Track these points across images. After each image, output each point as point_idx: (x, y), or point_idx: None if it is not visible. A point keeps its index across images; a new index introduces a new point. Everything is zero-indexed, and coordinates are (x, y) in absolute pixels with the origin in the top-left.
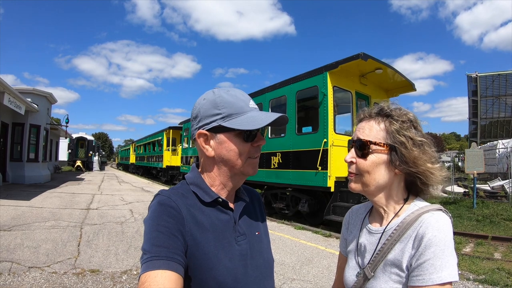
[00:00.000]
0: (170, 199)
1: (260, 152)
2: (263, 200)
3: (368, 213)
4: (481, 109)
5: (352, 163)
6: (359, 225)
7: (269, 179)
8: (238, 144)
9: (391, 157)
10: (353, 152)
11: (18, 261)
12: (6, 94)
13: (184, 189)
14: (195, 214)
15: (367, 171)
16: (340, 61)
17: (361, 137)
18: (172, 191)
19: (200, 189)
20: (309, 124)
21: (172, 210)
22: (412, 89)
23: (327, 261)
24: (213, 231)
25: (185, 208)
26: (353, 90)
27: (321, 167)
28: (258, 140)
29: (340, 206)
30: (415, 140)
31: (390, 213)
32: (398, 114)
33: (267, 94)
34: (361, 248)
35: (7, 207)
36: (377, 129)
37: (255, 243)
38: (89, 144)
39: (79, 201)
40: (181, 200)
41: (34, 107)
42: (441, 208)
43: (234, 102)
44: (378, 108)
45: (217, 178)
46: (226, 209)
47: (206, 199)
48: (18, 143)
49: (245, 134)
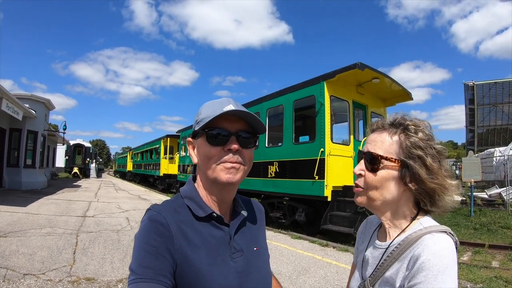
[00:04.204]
0: (160, 215)
1: (241, 159)
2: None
3: (379, 226)
4: (478, 117)
5: (360, 176)
6: (369, 237)
7: (266, 188)
8: (206, 147)
9: (402, 173)
10: (363, 164)
11: (13, 268)
12: (4, 99)
13: (177, 204)
14: (186, 231)
15: (375, 187)
16: (337, 71)
17: (372, 151)
18: (163, 206)
19: (194, 203)
20: (306, 134)
21: (161, 228)
22: (409, 98)
23: (323, 270)
24: (205, 248)
25: (176, 224)
26: (350, 100)
27: (318, 176)
28: (230, 143)
29: (337, 215)
30: (433, 155)
31: (395, 229)
32: (414, 125)
33: (264, 103)
34: (366, 261)
35: (3, 213)
36: (390, 142)
37: (252, 259)
38: (86, 151)
39: (76, 208)
40: (172, 216)
41: (31, 113)
42: (445, 230)
43: (210, 106)
44: (392, 119)
45: (204, 189)
46: (221, 225)
47: (200, 214)
48: (15, 149)
49: (208, 137)
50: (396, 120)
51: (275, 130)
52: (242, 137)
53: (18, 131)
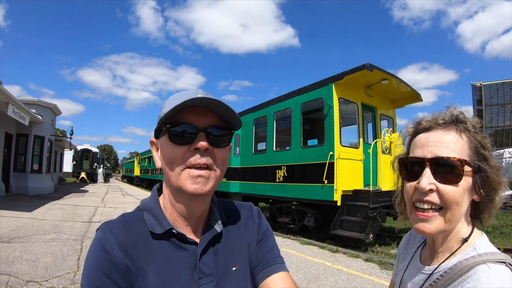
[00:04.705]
0: (105, 239)
1: (211, 161)
2: (264, 215)
3: (423, 243)
4: (486, 118)
5: (431, 192)
6: (411, 255)
7: (274, 193)
8: (169, 148)
9: (475, 180)
10: (431, 175)
11: (16, 275)
12: (10, 105)
13: (134, 218)
14: (136, 255)
15: (456, 203)
16: (346, 72)
17: (445, 155)
18: (114, 224)
19: (152, 217)
20: (314, 137)
21: (104, 256)
22: (419, 99)
23: (334, 278)
24: (159, 273)
25: (121, 248)
26: (359, 102)
27: (327, 180)
28: (198, 141)
29: (347, 220)
30: (493, 154)
31: (445, 252)
32: (473, 120)
33: (271, 106)
34: (404, 283)
35: (8, 218)
36: (462, 142)
37: (228, 283)
38: (93, 156)
39: (82, 213)
40: (123, 235)
41: (38, 118)
42: (504, 260)
43: (176, 97)
44: (451, 114)
45: (168, 200)
46: (185, 244)
47: (156, 230)
48: (22, 154)
49: (171, 134)
50: (456, 115)
51: (283, 133)
52: (213, 134)
53: (25, 136)
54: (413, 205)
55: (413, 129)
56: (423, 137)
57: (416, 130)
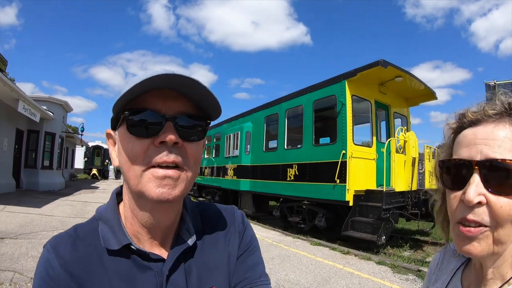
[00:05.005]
0: (48, 261)
1: (181, 159)
2: (275, 214)
3: (464, 264)
4: None
5: (480, 205)
6: (448, 278)
7: (285, 192)
8: (128, 142)
9: None
10: (481, 184)
11: (21, 271)
12: (20, 101)
13: (87, 230)
14: (87, 278)
15: (510, 220)
16: (359, 69)
17: (503, 157)
18: (63, 238)
19: (108, 229)
20: (327, 135)
21: (47, 282)
22: (434, 97)
23: (345, 281)
24: None
25: (68, 272)
26: (372, 99)
27: (339, 180)
28: (164, 133)
29: (359, 221)
30: None
31: (496, 279)
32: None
33: (283, 104)
34: None
35: (17, 214)
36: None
37: None
38: (105, 153)
39: (91, 210)
40: (70, 254)
41: (49, 114)
42: None
43: (138, 76)
44: (503, 103)
45: (129, 207)
46: (148, 262)
47: (111, 246)
48: (33, 150)
49: (130, 124)
50: (510, 102)
51: (295, 131)
52: (184, 125)
53: (36, 133)
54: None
55: (457, 124)
56: (469, 133)
57: (461, 124)
